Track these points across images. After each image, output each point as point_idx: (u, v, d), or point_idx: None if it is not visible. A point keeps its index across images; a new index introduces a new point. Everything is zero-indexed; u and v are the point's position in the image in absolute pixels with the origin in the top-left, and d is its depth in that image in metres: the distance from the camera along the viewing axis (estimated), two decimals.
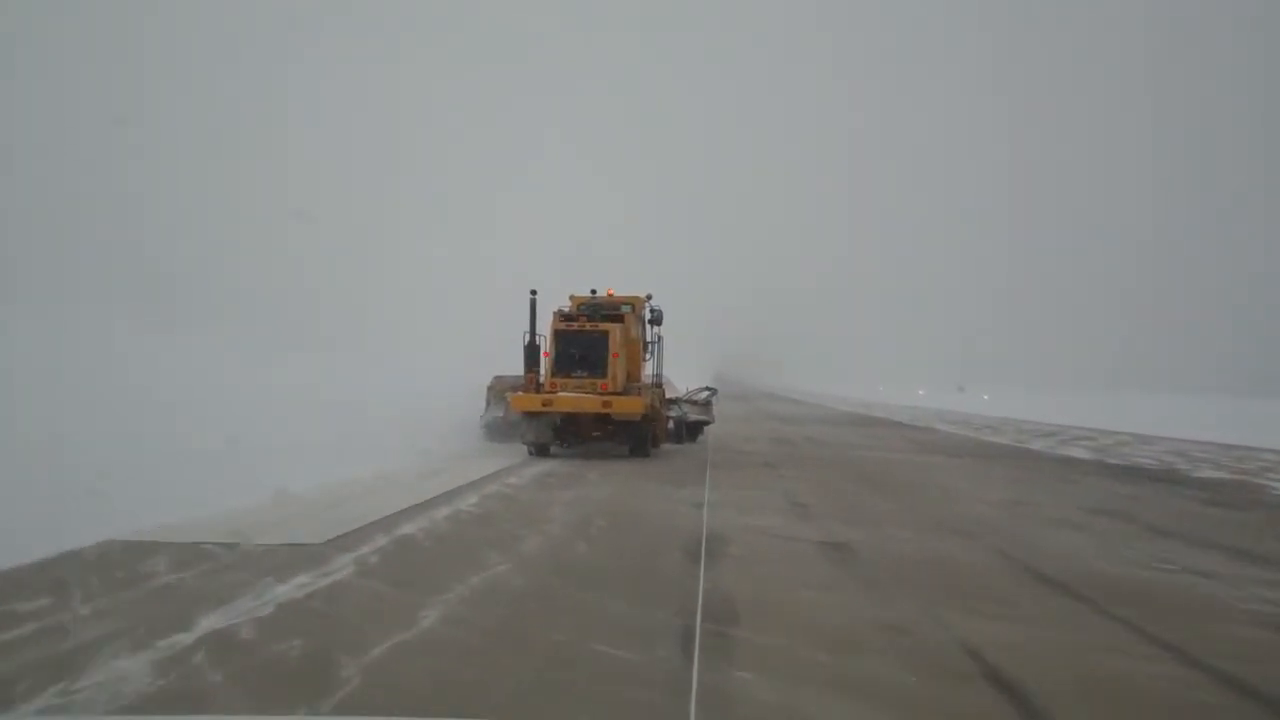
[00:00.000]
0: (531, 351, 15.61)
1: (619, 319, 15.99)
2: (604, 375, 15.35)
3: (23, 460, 7.71)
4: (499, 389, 18.28)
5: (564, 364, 15.53)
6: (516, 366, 18.06)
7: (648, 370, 17.38)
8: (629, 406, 15.25)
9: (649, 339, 17.40)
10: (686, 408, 19.05)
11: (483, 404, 18.51)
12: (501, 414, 17.92)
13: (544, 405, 15.16)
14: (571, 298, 16.93)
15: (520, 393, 15.67)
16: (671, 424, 18.28)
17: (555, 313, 16.04)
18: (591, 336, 15.56)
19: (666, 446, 17.57)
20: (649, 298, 17.38)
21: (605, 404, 15.16)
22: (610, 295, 16.98)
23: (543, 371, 15.62)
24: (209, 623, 4.87)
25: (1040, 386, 51.11)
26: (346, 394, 16.37)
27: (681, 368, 19.47)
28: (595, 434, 15.90)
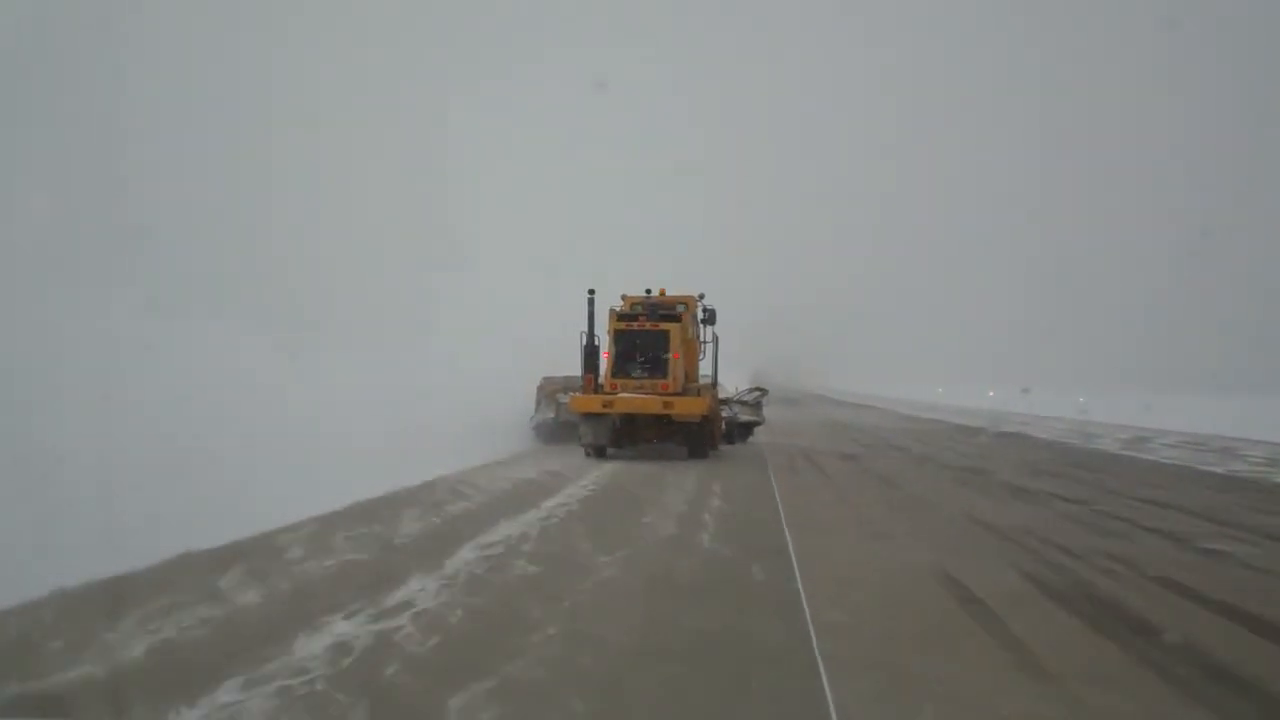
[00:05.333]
0: (590, 352, 15.29)
1: (677, 318, 15.68)
2: (665, 376, 15.04)
3: None
4: (548, 390, 17.99)
5: (623, 364, 15.22)
6: (556, 365, 17.79)
7: (703, 370, 17.11)
8: (692, 407, 14.94)
9: (703, 339, 17.11)
10: (737, 408, 18.78)
11: (532, 405, 18.24)
12: (552, 415, 17.64)
13: (604, 406, 14.87)
14: (624, 297, 16.62)
15: (577, 393, 15.39)
16: (723, 425, 18.00)
17: (612, 311, 15.71)
18: (651, 336, 15.24)
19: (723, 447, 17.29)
20: (701, 297, 17.06)
21: (666, 405, 14.83)
22: (663, 294, 16.69)
23: (601, 372, 15.32)
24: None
25: (1100, 387, 49.00)
26: (401, 395, 16.13)
27: (720, 367, 18.95)
28: (654, 436, 15.63)
